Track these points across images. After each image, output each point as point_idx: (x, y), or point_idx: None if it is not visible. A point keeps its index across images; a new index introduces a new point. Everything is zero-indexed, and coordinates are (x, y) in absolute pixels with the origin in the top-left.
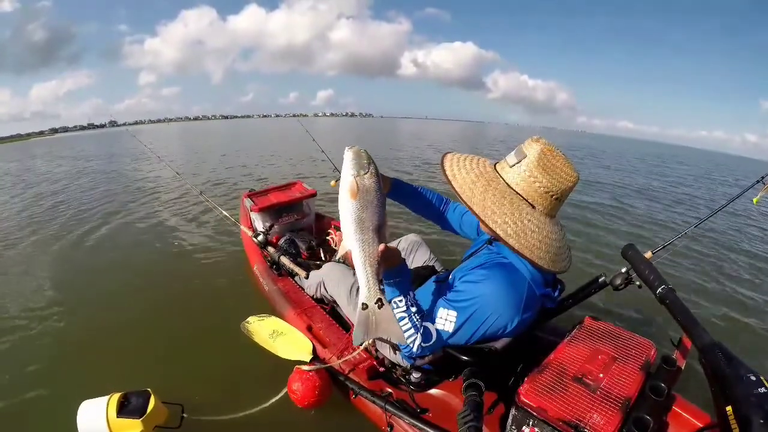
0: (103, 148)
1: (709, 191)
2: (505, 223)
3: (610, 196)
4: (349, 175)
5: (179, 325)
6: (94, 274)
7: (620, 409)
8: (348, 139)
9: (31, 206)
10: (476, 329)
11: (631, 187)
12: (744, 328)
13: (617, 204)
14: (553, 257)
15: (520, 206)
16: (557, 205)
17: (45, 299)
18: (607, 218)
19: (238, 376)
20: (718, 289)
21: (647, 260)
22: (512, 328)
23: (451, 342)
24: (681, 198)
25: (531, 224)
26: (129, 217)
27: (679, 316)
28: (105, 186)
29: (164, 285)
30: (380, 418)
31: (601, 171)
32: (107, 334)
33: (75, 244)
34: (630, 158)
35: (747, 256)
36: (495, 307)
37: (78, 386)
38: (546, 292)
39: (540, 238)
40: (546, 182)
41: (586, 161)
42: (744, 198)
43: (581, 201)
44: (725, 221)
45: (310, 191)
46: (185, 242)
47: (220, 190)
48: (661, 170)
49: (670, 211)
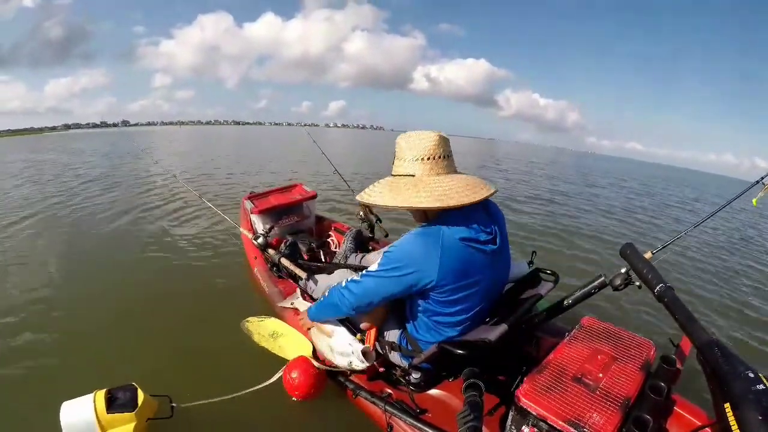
0: (106, 147)
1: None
2: (394, 198)
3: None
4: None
5: (172, 325)
6: (89, 275)
7: (620, 408)
8: (360, 155)
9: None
10: (400, 269)
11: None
12: (743, 326)
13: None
14: (440, 197)
15: (403, 181)
16: (440, 163)
17: (30, 295)
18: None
19: (230, 366)
20: (718, 288)
21: (646, 259)
22: (443, 272)
23: (381, 287)
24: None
25: (415, 187)
26: (128, 219)
27: (677, 314)
28: (102, 187)
29: (163, 286)
30: (380, 418)
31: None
32: (92, 332)
33: (68, 242)
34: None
35: (747, 255)
36: (411, 248)
37: (51, 386)
38: (470, 236)
39: (425, 191)
40: (411, 154)
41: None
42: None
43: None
44: (725, 222)
45: (310, 193)
46: (185, 243)
47: (220, 190)
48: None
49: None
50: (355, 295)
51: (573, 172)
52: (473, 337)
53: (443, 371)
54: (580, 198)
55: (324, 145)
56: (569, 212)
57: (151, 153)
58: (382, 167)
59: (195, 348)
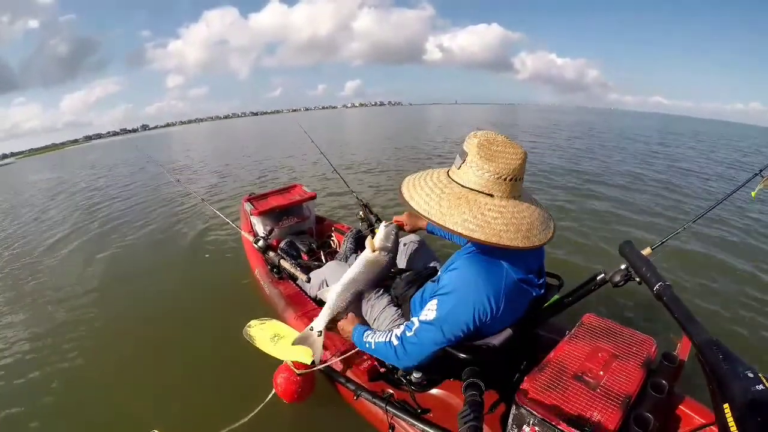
0: (114, 157)
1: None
2: (465, 221)
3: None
4: (372, 249)
5: (180, 347)
6: (87, 278)
7: (621, 406)
8: (380, 133)
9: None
10: (459, 315)
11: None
12: (742, 325)
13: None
14: (525, 234)
15: (477, 200)
16: (516, 185)
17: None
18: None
19: (232, 385)
20: (718, 286)
21: (644, 257)
22: (498, 313)
23: (440, 338)
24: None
25: (492, 212)
26: (127, 219)
27: (676, 313)
28: (103, 192)
29: (163, 288)
30: (382, 419)
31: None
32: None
33: (68, 251)
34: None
35: (747, 252)
36: (474, 289)
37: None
38: (527, 278)
39: (505, 221)
40: (493, 168)
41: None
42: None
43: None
44: (727, 214)
45: (309, 194)
46: (186, 249)
47: (222, 191)
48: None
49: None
50: (415, 345)
51: (615, 136)
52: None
53: (444, 371)
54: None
55: (346, 130)
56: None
57: (150, 159)
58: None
59: (203, 364)
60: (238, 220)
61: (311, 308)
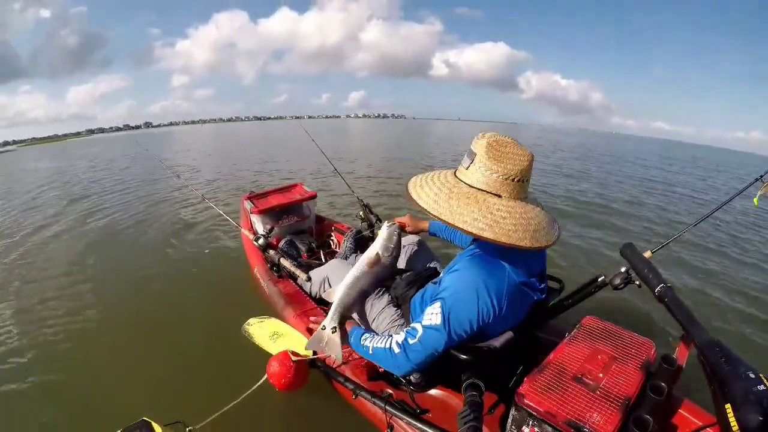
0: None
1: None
2: (475, 219)
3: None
4: (376, 249)
5: (173, 339)
6: (88, 277)
7: (620, 408)
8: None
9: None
10: (464, 314)
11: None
12: (743, 325)
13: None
14: (533, 234)
15: (486, 200)
16: (523, 187)
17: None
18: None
19: (233, 370)
20: (718, 287)
21: (645, 259)
22: (501, 313)
23: (446, 341)
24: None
25: (501, 212)
26: (126, 219)
27: (677, 314)
28: (102, 189)
29: (162, 287)
30: (381, 418)
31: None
32: (94, 361)
33: (65, 241)
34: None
35: (747, 253)
36: (477, 288)
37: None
38: (529, 281)
39: (514, 221)
40: (501, 169)
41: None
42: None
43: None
44: (727, 218)
45: (310, 193)
46: (185, 245)
47: (222, 190)
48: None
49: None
50: (419, 352)
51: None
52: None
53: (444, 371)
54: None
55: (348, 139)
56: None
57: (155, 157)
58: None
59: (197, 360)
60: (238, 218)
61: (310, 307)
